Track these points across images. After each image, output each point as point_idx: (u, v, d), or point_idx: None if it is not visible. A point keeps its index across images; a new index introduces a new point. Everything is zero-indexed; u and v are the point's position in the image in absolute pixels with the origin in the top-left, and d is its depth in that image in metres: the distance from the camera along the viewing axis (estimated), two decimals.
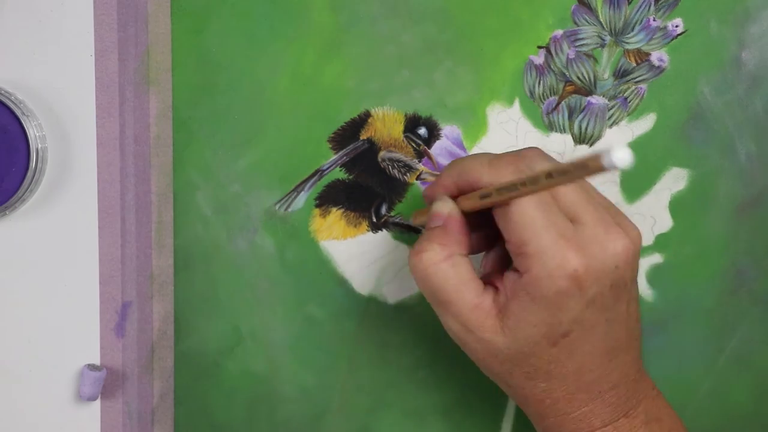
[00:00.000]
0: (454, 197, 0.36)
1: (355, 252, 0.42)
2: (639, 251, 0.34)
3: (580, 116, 0.41)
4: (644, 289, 0.43)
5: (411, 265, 0.35)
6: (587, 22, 0.40)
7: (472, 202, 0.35)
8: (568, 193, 0.34)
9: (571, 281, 0.32)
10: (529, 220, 0.32)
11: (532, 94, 0.41)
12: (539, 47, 0.40)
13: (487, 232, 0.36)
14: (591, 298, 0.33)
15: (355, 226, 0.42)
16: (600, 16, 0.40)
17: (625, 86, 0.41)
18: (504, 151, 0.36)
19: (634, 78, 0.41)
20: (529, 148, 0.35)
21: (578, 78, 0.41)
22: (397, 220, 0.42)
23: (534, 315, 0.33)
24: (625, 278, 0.34)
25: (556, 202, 0.33)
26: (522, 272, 0.33)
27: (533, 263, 0.32)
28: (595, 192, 0.35)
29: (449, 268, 0.34)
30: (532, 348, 0.33)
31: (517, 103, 0.41)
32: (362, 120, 0.41)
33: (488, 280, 0.35)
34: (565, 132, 0.41)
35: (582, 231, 0.33)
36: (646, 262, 0.43)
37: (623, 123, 0.41)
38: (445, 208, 0.36)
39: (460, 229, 0.35)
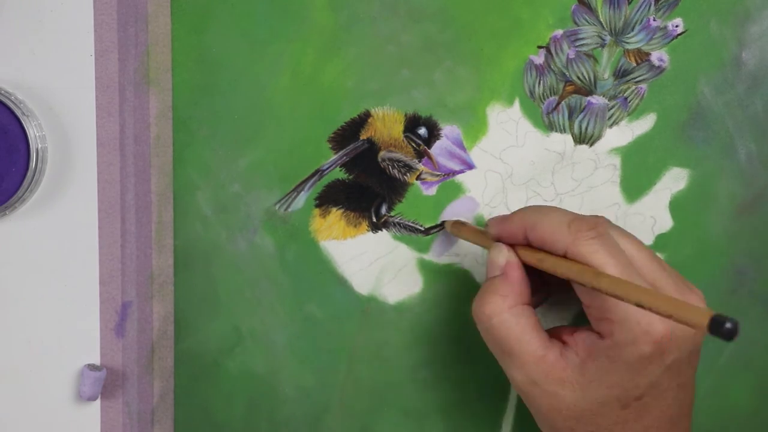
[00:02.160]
0: (516, 243, 0.35)
1: (355, 252, 0.42)
2: None
3: (580, 116, 0.41)
4: None
5: (475, 316, 0.35)
6: (587, 21, 0.40)
7: (540, 263, 0.34)
8: (639, 255, 0.34)
9: (655, 347, 0.32)
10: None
11: (532, 94, 0.41)
12: (539, 47, 0.40)
13: (542, 283, 0.36)
14: (669, 365, 0.33)
15: (355, 226, 0.42)
16: (600, 16, 0.40)
17: (625, 86, 0.41)
18: (577, 211, 0.35)
19: (634, 78, 0.41)
20: (596, 216, 0.35)
21: (578, 78, 0.41)
22: (397, 220, 0.42)
23: (612, 377, 0.33)
24: (699, 344, 0.34)
25: (635, 266, 0.33)
26: (604, 336, 0.33)
27: (617, 329, 0.32)
28: (662, 260, 0.35)
29: (512, 318, 0.34)
30: (601, 408, 0.33)
31: (517, 103, 0.41)
32: (362, 120, 0.41)
33: (554, 334, 0.35)
34: (565, 132, 0.41)
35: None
36: None
37: (623, 123, 0.41)
38: (502, 258, 0.35)
39: (521, 279, 0.35)
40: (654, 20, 0.40)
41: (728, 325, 0.26)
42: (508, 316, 0.34)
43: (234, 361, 0.42)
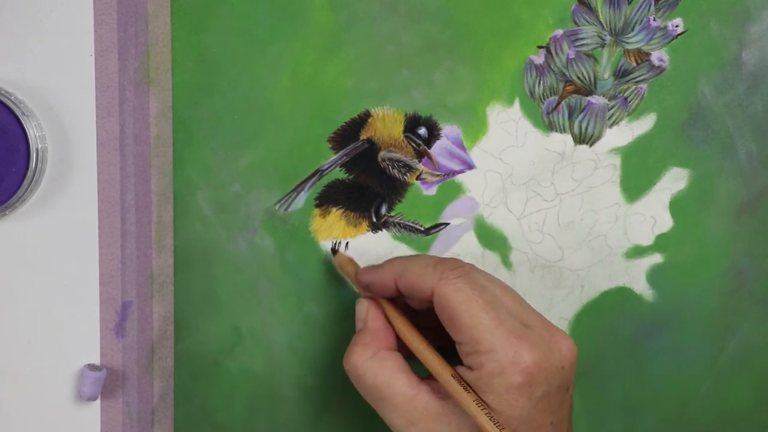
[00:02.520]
0: (387, 294, 0.37)
1: (355, 252, 0.42)
2: (576, 359, 0.36)
3: (581, 116, 0.41)
4: (644, 289, 0.43)
5: (346, 370, 0.36)
6: (587, 21, 0.40)
7: (402, 330, 0.36)
8: (507, 298, 0.35)
9: (524, 377, 0.33)
10: (480, 321, 0.33)
11: (532, 94, 0.41)
12: (539, 47, 0.40)
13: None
14: (539, 398, 0.33)
15: (355, 226, 0.42)
16: (600, 16, 0.40)
17: (625, 86, 0.41)
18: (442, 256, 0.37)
19: (634, 78, 0.41)
20: (463, 262, 0.36)
21: (578, 78, 0.41)
22: (397, 220, 0.42)
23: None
24: (568, 381, 0.35)
25: (502, 305, 0.35)
26: (474, 368, 0.33)
27: (486, 360, 0.33)
28: (529, 304, 0.37)
29: (377, 364, 0.35)
30: None
31: (517, 103, 0.41)
32: (362, 120, 0.41)
33: (425, 378, 0.36)
34: (565, 132, 0.41)
35: (531, 332, 0.34)
36: (646, 262, 0.43)
37: (623, 123, 0.41)
38: (362, 311, 0.37)
39: (382, 327, 0.37)
40: (654, 20, 0.40)
41: None
42: (372, 363, 0.35)
43: (234, 361, 0.42)
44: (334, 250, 0.41)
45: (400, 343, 0.37)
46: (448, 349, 0.36)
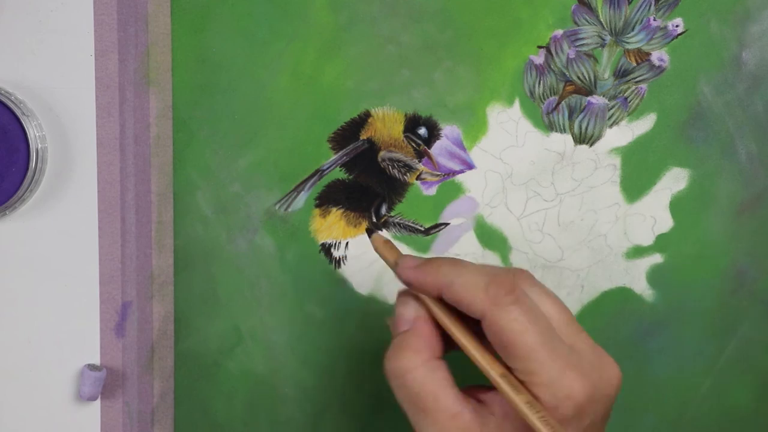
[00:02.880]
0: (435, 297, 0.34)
1: (355, 252, 0.42)
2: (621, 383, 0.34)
3: (581, 116, 0.41)
4: (644, 289, 0.43)
5: (387, 372, 0.34)
6: (587, 21, 0.40)
7: (452, 331, 0.34)
8: (558, 316, 0.34)
9: (575, 410, 0.32)
10: (536, 354, 0.32)
11: (532, 93, 0.41)
12: (539, 47, 0.40)
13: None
14: (587, 426, 0.32)
15: (355, 226, 0.41)
16: (600, 16, 0.40)
17: (626, 86, 0.41)
18: (497, 266, 0.35)
19: (635, 78, 0.41)
20: (517, 270, 0.34)
21: (578, 78, 0.41)
22: (397, 220, 0.42)
23: None
24: (611, 407, 0.34)
25: (554, 328, 0.33)
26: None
27: (541, 392, 0.32)
28: (575, 319, 0.35)
29: (427, 373, 0.33)
30: None
31: (517, 103, 0.41)
32: (362, 120, 0.41)
33: (469, 392, 0.34)
34: (565, 132, 0.41)
35: (582, 359, 0.33)
36: (646, 262, 0.43)
37: (623, 123, 0.41)
38: (410, 312, 0.35)
39: (432, 333, 0.34)
40: (654, 20, 0.40)
41: None
42: (423, 372, 0.33)
43: (234, 361, 0.42)
44: (370, 230, 0.41)
45: (451, 347, 0.35)
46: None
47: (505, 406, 0.33)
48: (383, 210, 0.42)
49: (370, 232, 0.40)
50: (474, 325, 0.35)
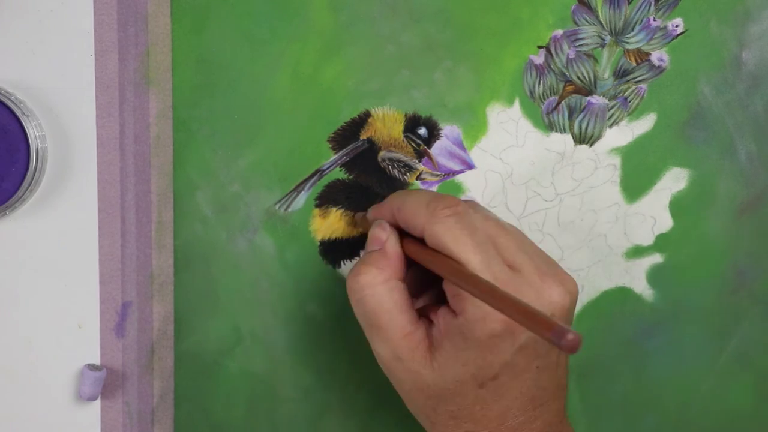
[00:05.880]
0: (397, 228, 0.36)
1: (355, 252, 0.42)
2: (575, 301, 0.34)
3: (581, 116, 0.41)
4: (644, 289, 0.43)
5: (348, 287, 0.35)
6: (587, 21, 0.40)
7: (414, 250, 0.35)
8: (504, 239, 0.34)
9: (504, 324, 0.32)
10: (466, 264, 0.32)
11: (532, 93, 0.41)
12: (539, 47, 0.40)
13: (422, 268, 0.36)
14: (523, 344, 0.33)
15: (355, 226, 0.42)
16: (600, 16, 0.40)
17: (625, 86, 0.41)
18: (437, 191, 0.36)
19: (634, 78, 0.41)
20: (464, 199, 0.36)
21: (578, 78, 0.41)
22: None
23: (465, 354, 0.33)
24: None
25: (494, 247, 0.34)
26: (457, 312, 0.33)
27: (468, 305, 0.32)
28: (531, 243, 0.35)
29: (385, 292, 0.34)
30: (459, 387, 0.33)
31: (517, 103, 0.41)
32: (362, 120, 0.41)
33: (424, 313, 0.35)
34: (565, 132, 0.41)
35: (519, 277, 0.33)
36: (646, 262, 0.43)
37: (623, 123, 0.41)
38: (383, 234, 0.36)
39: (398, 255, 0.35)
40: (654, 20, 0.40)
41: (570, 336, 0.26)
42: (381, 289, 0.34)
43: (234, 361, 0.42)
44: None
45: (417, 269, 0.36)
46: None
47: (446, 323, 0.33)
48: None
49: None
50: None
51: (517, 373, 0.33)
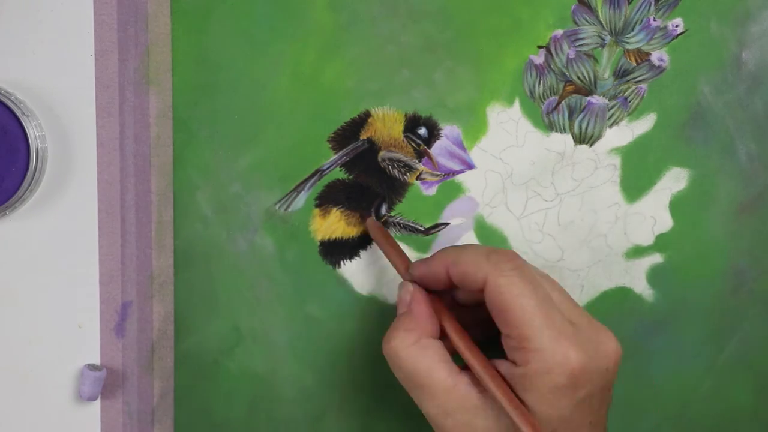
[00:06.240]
0: (439, 286, 0.37)
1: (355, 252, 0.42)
2: (620, 359, 0.35)
3: (581, 116, 0.41)
4: (644, 289, 0.43)
5: (384, 353, 0.36)
6: (587, 21, 0.40)
7: (443, 322, 0.36)
8: (559, 296, 0.35)
9: (569, 379, 0.32)
10: (531, 317, 0.33)
11: (532, 93, 0.41)
12: (539, 47, 0.40)
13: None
14: (582, 399, 0.33)
15: (355, 226, 0.42)
16: (600, 16, 0.40)
17: (625, 86, 0.41)
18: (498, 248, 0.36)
19: (635, 78, 0.41)
20: (506, 250, 0.36)
21: (578, 78, 0.41)
22: (397, 220, 0.42)
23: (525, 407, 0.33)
24: (611, 382, 0.34)
25: (553, 302, 0.34)
26: (519, 364, 0.33)
27: (533, 358, 0.32)
28: (572, 297, 0.37)
29: (418, 350, 0.35)
30: None
31: (517, 103, 0.41)
32: (362, 120, 0.41)
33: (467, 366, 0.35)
34: (565, 132, 0.41)
35: (579, 332, 0.34)
36: (646, 262, 0.43)
37: (623, 123, 0.41)
38: (407, 295, 0.37)
39: (425, 314, 0.36)
40: (654, 20, 0.40)
41: None
42: (414, 350, 0.35)
43: (234, 361, 0.42)
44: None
45: (442, 334, 0.37)
46: (490, 344, 0.35)
47: (502, 373, 0.34)
48: (383, 210, 0.42)
49: (378, 214, 0.41)
50: (468, 327, 0.36)
51: (572, 429, 0.33)
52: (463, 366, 0.35)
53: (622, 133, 0.41)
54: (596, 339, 0.34)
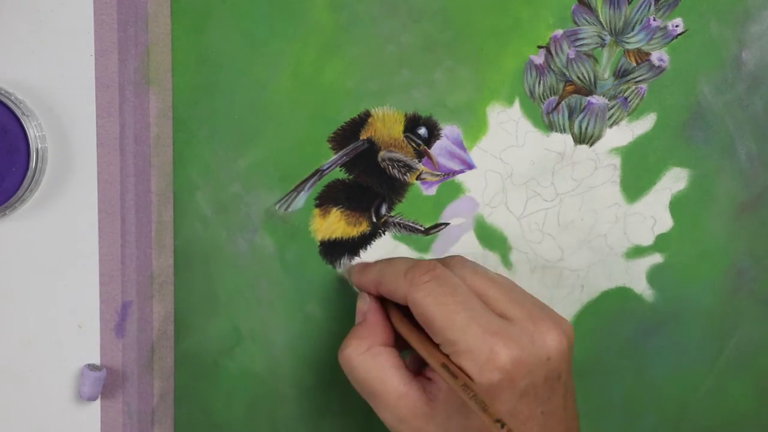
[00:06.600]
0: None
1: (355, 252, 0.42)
2: (572, 344, 0.35)
3: (581, 116, 0.41)
4: (644, 289, 0.43)
5: (340, 363, 0.37)
6: (587, 21, 0.40)
7: (399, 326, 0.37)
8: (492, 291, 0.35)
9: (502, 374, 0.32)
10: (453, 322, 0.33)
11: (532, 93, 0.41)
12: (539, 47, 0.40)
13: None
14: (523, 390, 0.33)
15: (355, 226, 0.42)
16: (600, 16, 0.40)
17: (625, 86, 0.41)
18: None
19: (634, 78, 0.41)
20: (451, 256, 0.37)
21: (578, 78, 0.41)
22: (397, 220, 0.42)
23: (467, 407, 0.33)
24: (559, 370, 0.34)
25: (482, 300, 0.34)
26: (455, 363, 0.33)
27: (464, 360, 0.33)
28: (522, 291, 0.36)
29: (370, 359, 0.35)
30: None
31: (517, 103, 0.41)
32: (362, 120, 0.41)
33: (421, 372, 0.36)
34: (565, 132, 0.41)
35: (511, 326, 0.34)
36: (646, 262, 0.43)
37: (623, 123, 0.41)
38: (364, 305, 0.38)
39: (378, 322, 0.37)
40: (654, 20, 0.40)
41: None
42: (365, 357, 0.35)
43: (234, 361, 0.42)
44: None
45: (398, 341, 0.37)
46: None
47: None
48: (383, 210, 0.42)
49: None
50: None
51: (522, 421, 0.33)
52: (417, 370, 0.36)
53: (622, 133, 0.41)
54: (533, 330, 0.34)
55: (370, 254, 0.42)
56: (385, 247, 0.42)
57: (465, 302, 0.34)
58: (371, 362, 0.35)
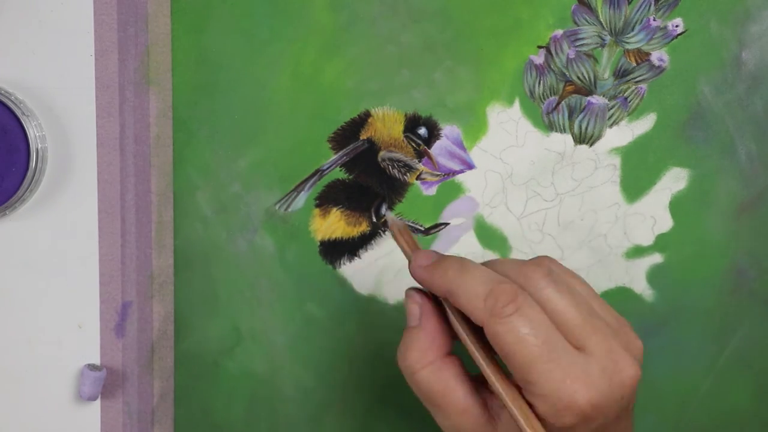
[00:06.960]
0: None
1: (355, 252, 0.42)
2: (641, 363, 0.33)
3: (581, 116, 0.41)
4: (644, 289, 0.43)
5: (399, 367, 0.34)
6: (587, 21, 0.40)
7: (459, 332, 0.34)
8: (571, 315, 0.32)
9: (579, 418, 0.31)
10: (532, 363, 0.31)
11: (532, 93, 0.41)
12: (539, 47, 0.40)
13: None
14: (595, 429, 0.32)
15: (355, 226, 0.42)
16: (600, 16, 0.40)
17: (625, 86, 0.41)
18: (509, 260, 0.34)
19: (634, 78, 0.41)
20: (534, 266, 0.33)
21: (578, 78, 0.41)
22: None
23: None
24: (629, 406, 0.33)
25: (558, 327, 0.32)
26: (529, 402, 0.32)
27: (539, 402, 0.31)
28: (600, 304, 0.34)
29: (431, 374, 0.33)
30: None
31: (517, 103, 0.41)
32: (362, 120, 0.41)
33: (482, 381, 0.34)
34: (565, 132, 0.41)
35: (589, 363, 0.32)
36: (646, 262, 0.43)
37: (623, 123, 0.41)
38: (416, 309, 0.34)
39: (438, 331, 0.34)
40: (654, 20, 0.40)
41: None
42: (428, 372, 0.33)
43: (234, 361, 0.42)
44: (378, 214, 0.41)
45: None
46: None
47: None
48: (383, 210, 0.42)
49: (378, 214, 0.40)
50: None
51: None
52: (479, 376, 0.34)
53: (622, 133, 0.41)
54: (612, 369, 0.32)
55: (370, 254, 0.42)
56: (385, 247, 0.42)
57: (547, 342, 0.31)
58: (435, 377, 0.33)
